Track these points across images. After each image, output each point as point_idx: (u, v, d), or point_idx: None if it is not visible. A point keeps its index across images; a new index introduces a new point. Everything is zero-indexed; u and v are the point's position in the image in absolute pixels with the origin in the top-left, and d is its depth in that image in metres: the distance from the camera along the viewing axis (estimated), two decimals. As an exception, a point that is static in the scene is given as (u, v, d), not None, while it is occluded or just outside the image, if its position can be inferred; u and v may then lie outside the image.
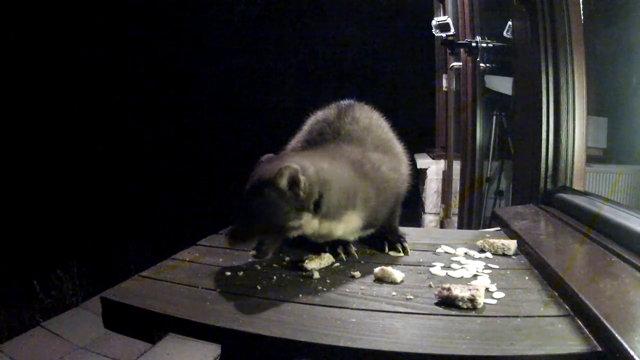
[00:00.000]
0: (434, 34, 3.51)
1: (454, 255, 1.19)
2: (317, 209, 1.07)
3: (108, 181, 6.42)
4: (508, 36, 2.72)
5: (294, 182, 1.03)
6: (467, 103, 3.26)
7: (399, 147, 1.33)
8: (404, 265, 1.13)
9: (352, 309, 0.87)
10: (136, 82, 7.09)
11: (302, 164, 1.06)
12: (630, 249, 1.07)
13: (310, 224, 1.09)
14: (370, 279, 1.02)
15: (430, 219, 4.30)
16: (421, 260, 1.15)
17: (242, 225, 1.05)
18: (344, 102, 1.34)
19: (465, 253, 1.20)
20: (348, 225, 1.15)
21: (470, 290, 0.87)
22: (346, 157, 1.17)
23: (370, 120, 1.29)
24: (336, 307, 0.88)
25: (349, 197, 1.12)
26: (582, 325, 0.78)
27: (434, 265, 1.10)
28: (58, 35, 6.54)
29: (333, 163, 1.14)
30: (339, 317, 0.84)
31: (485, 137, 3.22)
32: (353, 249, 1.19)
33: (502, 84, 3.04)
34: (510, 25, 2.65)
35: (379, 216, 1.20)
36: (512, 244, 1.20)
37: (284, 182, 1.03)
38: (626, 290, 0.87)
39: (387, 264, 1.06)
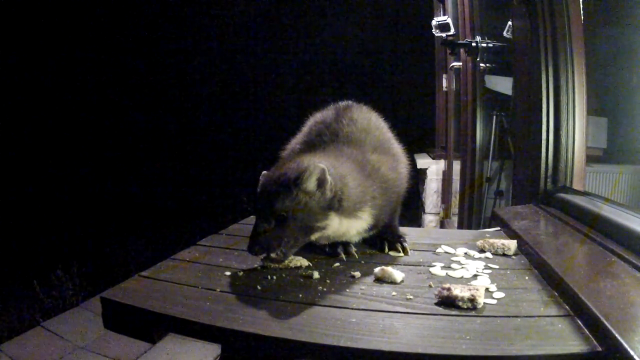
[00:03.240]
0: (434, 34, 3.51)
1: (454, 255, 1.19)
2: (339, 206, 1.07)
3: (108, 181, 6.42)
4: (508, 36, 2.72)
5: (321, 181, 1.03)
6: (467, 103, 3.26)
7: (397, 147, 1.33)
8: (404, 265, 1.13)
9: (352, 309, 0.87)
10: (136, 82, 7.09)
11: (328, 163, 1.07)
12: (630, 249, 1.07)
13: (333, 223, 1.08)
14: (370, 279, 1.02)
15: (430, 219, 4.30)
16: (421, 260, 1.15)
17: (269, 232, 1.01)
18: (342, 104, 1.33)
19: (465, 253, 1.20)
20: (362, 223, 1.15)
21: (470, 290, 0.87)
22: (347, 157, 1.17)
23: (368, 121, 1.29)
24: (336, 307, 0.88)
25: (363, 193, 1.13)
26: (582, 325, 0.78)
27: (434, 265, 1.10)
28: (58, 35, 6.54)
29: (340, 161, 1.14)
30: (339, 317, 0.84)
31: (485, 137, 3.22)
32: (353, 249, 1.19)
33: (502, 84, 3.05)
34: (510, 25, 2.65)
35: (383, 216, 1.20)
36: (512, 244, 1.20)
37: (312, 182, 1.03)
38: (626, 290, 0.87)
39: (387, 264, 1.06)
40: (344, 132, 1.23)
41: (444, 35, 3.37)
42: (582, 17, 1.75)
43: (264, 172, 1.12)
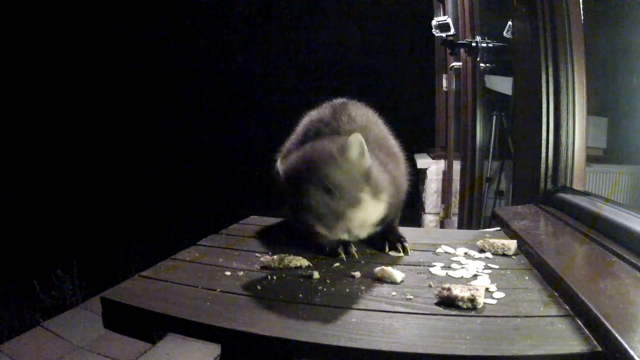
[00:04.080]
0: (434, 34, 3.51)
1: (454, 255, 1.19)
2: (369, 180, 1.08)
3: (108, 181, 6.42)
4: (508, 36, 2.72)
5: (362, 150, 1.04)
6: (467, 103, 3.26)
7: (395, 145, 1.33)
8: (404, 265, 1.13)
9: (352, 309, 0.87)
10: (136, 82, 7.08)
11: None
12: (630, 249, 1.07)
13: (367, 199, 1.08)
14: (370, 279, 1.02)
15: (430, 219, 4.30)
16: (421, 260, 1.15)
17: (319, 202, 1.00)
18: (338, 101, 1.33)
19: (465, 253, 1.19)
20: (380, 209, 1.14)
21: (470, 290, 0.87)
22: None
23: (367, 118, 1.28)
24: (336, 307, 0.88)
25: (383, 177, 1.14)
26: (582, 325, 0.78)
27: (434, 265, 1.10)
28: (58, 35, 6.54)
29: None
30: (339, 317, 0.84)
31: (485, 137, 3.22)
32: (353, 249, 1.19)
33: (502, 84, 3.04)
34: (510, 25, 2.65)
35: (390, 211, 1.20)
36: (512, 244, 1.20)
37: (355, 151, 1.03)
38: (626, 290, 0.87)
39: (387, 264, 1.06)
40: (343, 129, 1.22)
41: (444, 35, 3.37)
42: (582, 17, 1.75)
43: (280, 160, 1.12)
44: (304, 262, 1.10)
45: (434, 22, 3.42)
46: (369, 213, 1.12)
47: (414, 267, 1.10)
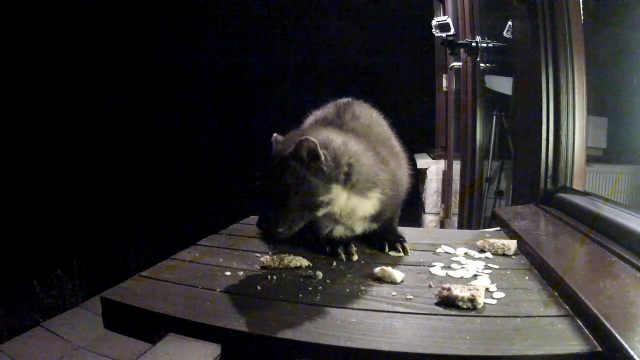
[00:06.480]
0: (434, 34, 3.51)
1: (454, 255, 1.19)
2: (346, 180, 1.08)
3: (108, 181, 6.42)
4: (508, 36, 2.72)
5: (315, 155, 1.03)
6: (467, 103, 3.26)
7: (398, 146, 1.33)
8: (404, 265, 1.13)
9: (352, 309, 0.87)
10: (136, 82, 7.09)
11: (324, 137, 1.08)
12: (630, 249, 1.07)
13: (340, 198, 1.08)
14: (370, 279, 1.02)
15: (430, 219, 4.30)
16: (421, 260, 1.16)
17: (274, 207, 1.01)
18: (342, 100, 1.34)
19: (465, 253, 1.20)
20: (369, 205, 1.14)
21: (470, 290, 0.87)
22: (364, 142, 1.17)
23: (370, 117, 1.29)
24: (336, 307, 0.88)
25: (375, 174, 1.13)
26: (582, 325, 0.78)
27: (434, 265, 1.10)
28: (58, 34, 6.54)
29: (356, 141, 1.14)
30: (339, 317, 0.84)
31: (485, 137, 3.22)
32: (353, 248, 1.19)
33: (502, 84, 3.04)
34: (510, 25, 2.65)
35: (387, 210, 1.19)
36: (512, 244, 1.20)
37: (303, 154, 1.03)
38: (626, 290, 0.87)
39: (387, 264, 1.06)
40: (348, 127, 1.22)
41: (444, 35, 3.36)
42: (582, 17, 1.75)
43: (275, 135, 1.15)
44: (304, 262, 1.10)
45: (434, 22, 3.42)
46: (352, 207, 1.12)
47: (414, 267, 1.10)
